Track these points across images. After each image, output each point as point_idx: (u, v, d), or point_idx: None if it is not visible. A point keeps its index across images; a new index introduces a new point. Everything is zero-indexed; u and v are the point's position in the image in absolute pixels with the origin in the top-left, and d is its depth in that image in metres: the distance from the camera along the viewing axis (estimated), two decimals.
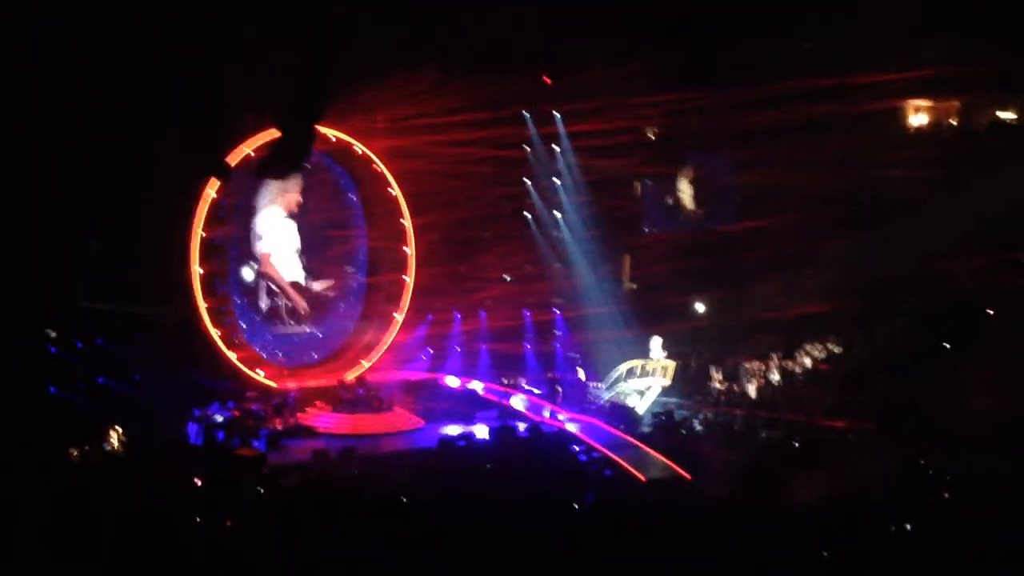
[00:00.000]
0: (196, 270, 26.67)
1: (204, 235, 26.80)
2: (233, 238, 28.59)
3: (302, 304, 30.41)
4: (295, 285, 30.37)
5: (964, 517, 14.98)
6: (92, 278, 24.92)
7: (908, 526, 14.60)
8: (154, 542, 12.09)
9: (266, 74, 23.77)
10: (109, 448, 22.60)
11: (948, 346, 25.33)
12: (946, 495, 16.98)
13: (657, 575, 11.63)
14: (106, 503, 14.36)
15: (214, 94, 16.64)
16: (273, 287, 29.96)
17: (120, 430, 23.02)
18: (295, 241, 30.25)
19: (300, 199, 29.94)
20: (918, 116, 31.72)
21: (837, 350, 28.05)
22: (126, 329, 25.58)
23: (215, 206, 27.08)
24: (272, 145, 24.78)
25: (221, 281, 27.79)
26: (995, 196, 26.72)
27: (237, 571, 11.56)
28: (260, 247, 29.50)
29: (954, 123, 31.56)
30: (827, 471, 18.88)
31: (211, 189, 26.63)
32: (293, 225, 30.14)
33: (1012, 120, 30.90)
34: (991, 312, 25.84)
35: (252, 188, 28.67)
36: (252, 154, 26.52)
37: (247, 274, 29.51)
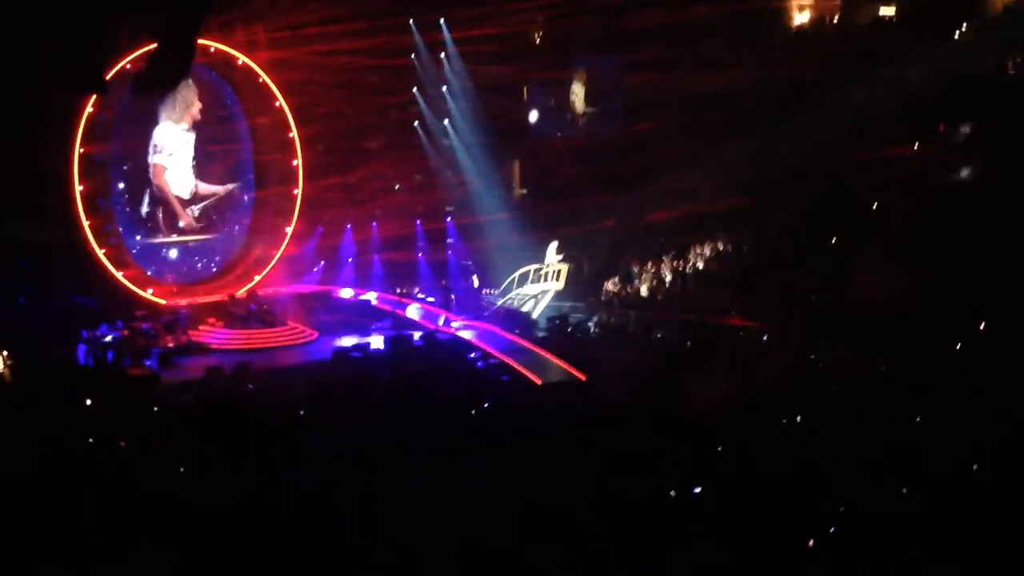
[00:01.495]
0: (77, 188, 25.99)
1: (83, 152, 26.10)
2: (116, 153, 27.91)
3: (188, 219, 29.86)
4: (182, 200, 29.78)
5: (853, 408, 15.34)
6: None
7: (799, 419, 14.93)
8: (48, 466, 11.90)
9: None
10: None
11: (835, 242, 25.76)
12: (835, 387, 17.36)
13: (556, 479, 11.73)
14: None
15: (90, 7, 16.14)
16: (159, 198, 29.32)
17: (6, 354, 22.58)
18: (191, 154, 29.63)
19: (199, 113, 29.30)
20: (801, 14, 31.99)
21: (728, 249, 28.37)
22: (8, 253, 24.98)
23: (93, 122, 26.38)
24: (150, 58, 24.18)
25: (104, 199, 27.17)
26: (877, 92, 27.13)
27: (132, 492, 11.42)
28: (155, 160, 28.87)
29: (836, 20, 31.90)
30: (720, 370, 19.20)
31: (89, 104, 25.89)
32: (191, 138, 29.52)
33: (892, 17, 31.34)
34: (876, 207, 26.28)
35: (137, 102, 27.85)
36: (129, 67, 25.82)
37: (134, 189, 28.84)
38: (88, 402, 17.98)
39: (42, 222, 25.29)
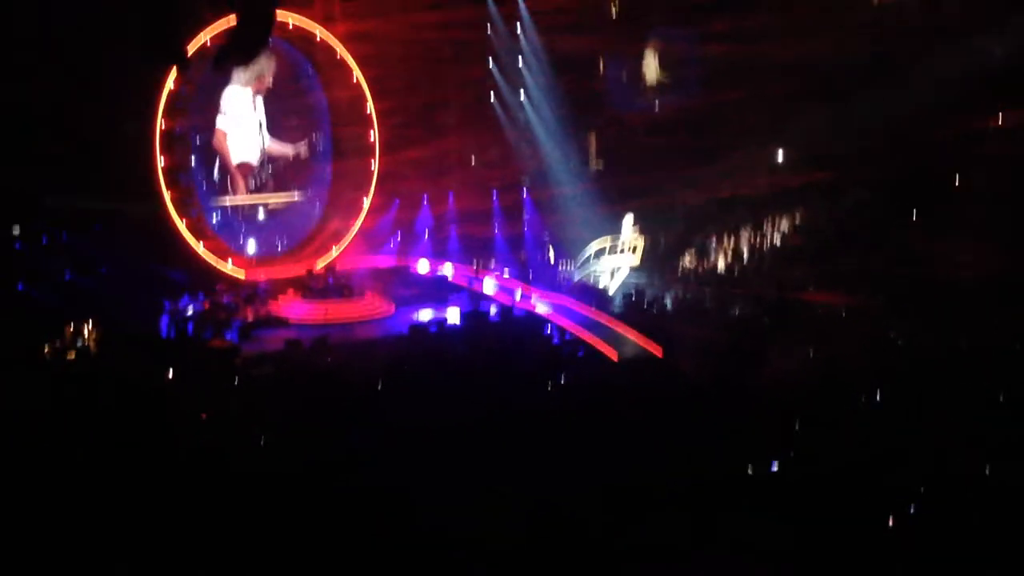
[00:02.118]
0: (159, 161, 26.34)
1: (165, 125, 26.43)
2: (195, 126, 28.25)
3: (255, 179, 30.13)
4: (248, 165, 30.10)
5: (932, 386, 15.16)
6: (55, 173, 24.61)
7: (877, 396, 14.79)
8: (133, 438, 12.12)
9: None
10: (81, 344, 22.58)
11: (916, 216, 25.39)
12: (914, 364, 17.17)
13: (630, 454, 11.74)
14: (84, 399, 14.37)
15: None
16: (223, 163, 29.55)
17: (91, 324, 22.99)
18: (258, 120, 29.87)
19: (270, 81, 29.57)
20: None
21: (806, 223, 28.04)
22: (92, 224, 25.42)
23: (174, 96, 26.70)
24: (229, 33, 24.40)
25: (185, 171, 27.54)
26: (962, 62, 26.60)
27: (212, 464, 11.61)
28: (219, 124, 29.10)
29: None
30: (797, 345, 19.05)
31: (170, 79, 26.21)
32: (259, 103, 29.78)
33: None
34: (959, 180, 25.83)
35: (215, 76, 28.13)
36: (209, 43, 26.09)
37: (209, 159, 29.16)
38: (170, 374, 18.28)
39: (124, 193, 25.67)
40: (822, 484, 11.11)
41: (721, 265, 28.46)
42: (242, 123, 29.43)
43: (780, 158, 29.02)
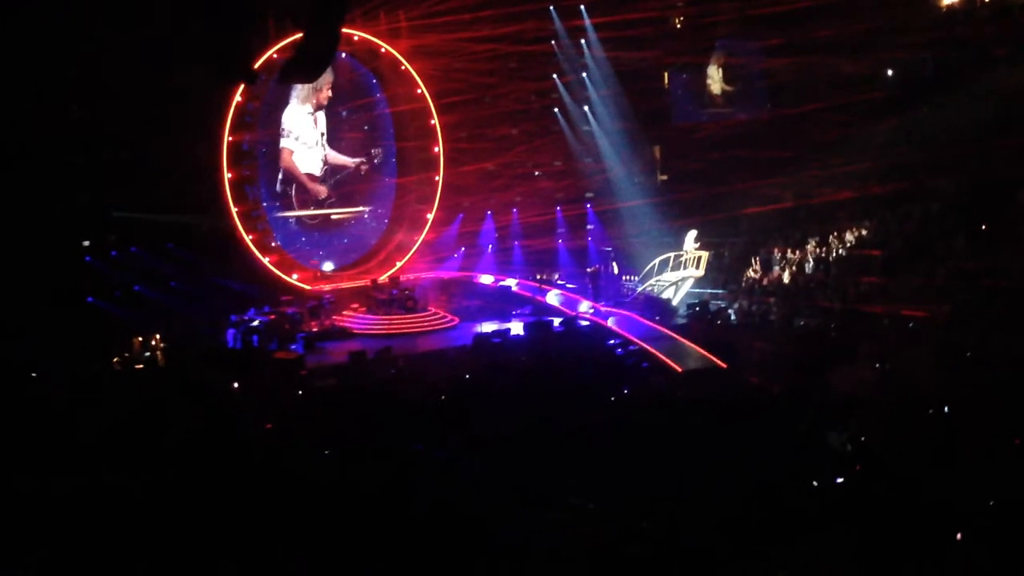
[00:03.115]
0: (226, 176, 26.65)
1: (232, 140, 26.74)
2: (261, 141, 28.58)
3: (319, 191, 30.41)
4: (313, 177, 30.34)
5: (1002, 401, 14.93)
6: (124, 188, 24.99)
7: (945, 410, 14.59)
8: (202, 447, 12.23)
9: None
10: (149, 355, 22.90)
11: (984, 229, 25.06)
12: (984, 379, 16.90)
13: (695, 465, 11.68)
14: (153, 410, 14.52)
15: None
16: (290, 178, 29.87)
17: (159, 336, 23.31)
18: (319, 132, 30.17)
19: (328, 94, 29.86)
20: None
21: (872, 235, 27.77)
22: (160, 238, 25.76)
23: (241, 111, 27.02)
24: (295, 48, 24.63)
25: (251, 186, 27.83)
26: None
27: (278, 473, 11.69)
28: (283, 143, 29.42)
29: (987, 1, 30.90)
30: (864, 359, 18.85)
31: (237, 94, 26.51)
32: (320, 118, 30.07)
33: None
34: None
35: (280, 90, 28.44)
36: (276, 57, 26.37)
37: (273, 173, 29.48)
38: (236, 385, 18.45)
39: (191, 207, 26.01)
40: (890, 498, 10.99)
41: (786, 277, 28.24)
42: (304, 139, 29.73)
43: (846, 170, 28.75)
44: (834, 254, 28.03)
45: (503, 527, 10.11)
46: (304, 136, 29.74)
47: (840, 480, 11.70)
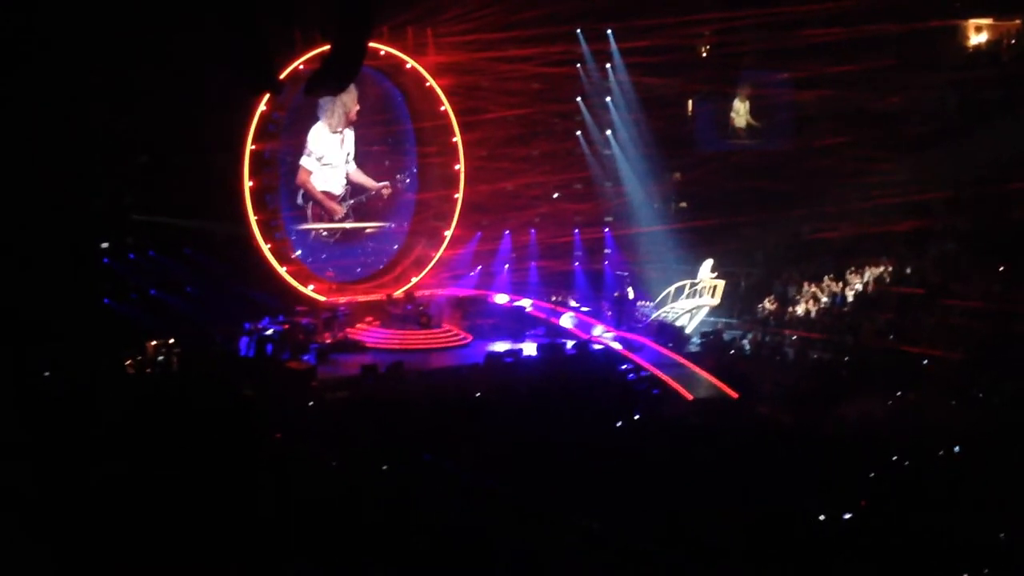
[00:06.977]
0: (247, 184, 26.71)
1: (254, 148, 26.81)
2: (284, 151, 28.64)
3: (336, 210, 30.44)
4: (332, 196, 30.39)
5: (1014, 442, 14.88)
6: (144, 192, 25.08)
7: (956, 449, 14.55)
8: (209, 453, 12.23)
9: None
10: (163, 359, 22.92)
11: (1001, 269, 25.01)
12: (997, 419, 16.88)
13: (703, 493, 11.64)
14: (161, 414, 14.53)
15: (264, 8, 16.60)
16: (308, 195, 29.90)
17: (173, 341, 23.33)
18: (344, 153, 30.22)
19: (356, 109, 29.89)
20: (978, 35, 31.12)
21: (889, 271, 27.73)
22: (178, 243, 25.82)
23: (265, 120, 27.09)
24: (322, 60, 24.70)
25: (272, 195, 27.87)
26: None
27: (285, 483, 11.69)
28: (303, 162, 29.44)
29: (1014, 43, 30.93)
30: (876, 394, 18.82)
31: (262, 102, 26.58)
32: (344, 137, 30.11)
33: None
34: None
35: (305, 102, 28.48)
36: (302, 68, 26.45)
37: (293, 185, 29.51)
38: (247, 393, 18.45)
39: (210, 213, 26.05)
40: (897, 534, 10.96)
41: (801, 310, 28.20)
42: (328, 159, 29.80)
43: (864, 205, 28.74)
44: (849, 289, 28.00)
45: (506, 540, 10.11)
46: (328, 156, 29.76)
47: (847, 516, 11.65)
